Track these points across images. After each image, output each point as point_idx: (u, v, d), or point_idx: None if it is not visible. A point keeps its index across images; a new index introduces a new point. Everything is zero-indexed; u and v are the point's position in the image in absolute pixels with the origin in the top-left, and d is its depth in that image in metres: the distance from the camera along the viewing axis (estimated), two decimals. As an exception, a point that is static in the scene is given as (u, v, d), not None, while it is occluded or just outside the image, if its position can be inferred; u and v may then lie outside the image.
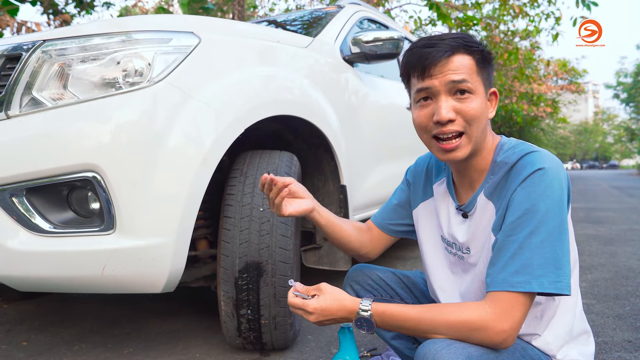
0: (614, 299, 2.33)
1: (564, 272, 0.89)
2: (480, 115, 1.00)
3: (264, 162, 1.70)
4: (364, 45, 2.33)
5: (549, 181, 0.92)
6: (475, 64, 1.01)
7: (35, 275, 1.39)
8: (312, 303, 1.03)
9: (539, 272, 0.89)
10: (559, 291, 0.89)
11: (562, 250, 0.90)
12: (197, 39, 1.54)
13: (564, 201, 0.93)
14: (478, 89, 1.00)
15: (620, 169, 51.12)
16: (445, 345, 0.90)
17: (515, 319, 0.90)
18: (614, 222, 5.20)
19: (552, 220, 0.90)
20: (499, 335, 0.89)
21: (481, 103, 1.00)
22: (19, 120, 1.36)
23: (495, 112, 1.19)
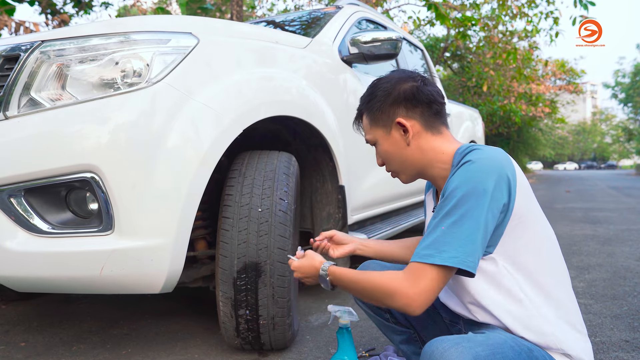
0: (611, 299, 2.34)
1: (467, 250, 0.98)
2: (389, 155, 1.22)
3: (262, 162, 1.70)
4: (362, 45, 2.33)
5: (472, 172, 1.01)
6: (368, 120, 1.24)
7: (34, 275, 1.39)
8: (294, 263, 1.27)
9: (444, 247, 0.99)
10: (457, 265, 0.97)
11: (471, 231, 0.98)
12: (195, 40, 1.54)
13: (485, 191, 0.99)
14: (378, 137, 1.22)
15: (619, 169, 51.19)
16: (452, 344, 0.93)
17: (421, 286, 0.98)
18: (612, 222, 5.22)
19: (466, 205, 0.99)
20: (404, 299, 0.99)
21: (383, 146, 1.22)
22: (17, 120, 1.36)
23: (494, 112, 1.34)
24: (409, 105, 1.17)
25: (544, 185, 14.52)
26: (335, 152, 2.09)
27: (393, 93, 1.18)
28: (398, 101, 1.17)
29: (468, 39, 10.54)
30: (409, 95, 1.17)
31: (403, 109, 1.17)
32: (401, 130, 1.18)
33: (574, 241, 4.02)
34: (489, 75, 11.81)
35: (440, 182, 1.18)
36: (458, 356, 0.90)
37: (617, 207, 6.94)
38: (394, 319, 1.40)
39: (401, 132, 1.18)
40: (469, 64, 13.78)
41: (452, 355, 0.90)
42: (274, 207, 1.60)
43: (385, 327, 1.43)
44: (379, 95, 1.20)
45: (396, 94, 1.18)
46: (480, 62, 12.53)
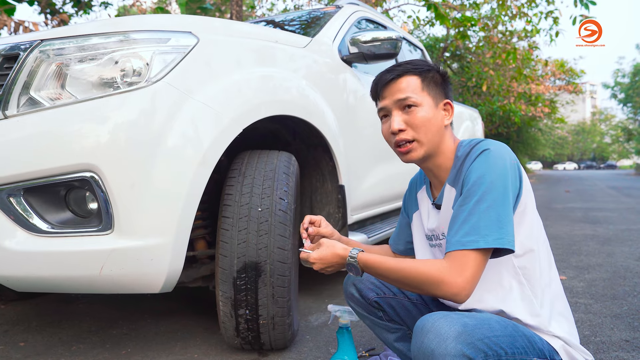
0: (611, 299, 2.34)
1: (507, 231, 1.03)
2: (427, 122, 1.19)
3: (262, 162, 1.70)
4: (362, 45, 2.33)
5: (493, 159, 1.08)
6: (421, 81, 1.22)
7: (33, 275, 1.38)
8: (313, 254, 1.20)
9: (485, 231, 1.03)
10: (502, 246, 1.02)
11: (504, 214, 1.04)
12: (195, 39, 1.54)
13: (507, 177, 1.06)
14: (424, 102, 1.20)
15: (619, 169, 51.19)
16: (442, 316, 0.98)
17: (468, 274, 1.02)
18: (612, 222, 5.22)
19: (495, 189, 1.05)
20: (452, 288, 1.02)
21: (427, 112, 1.20)
22: (16, 120, 1.36)
23: (494, 112, 1.40)
24: (450, 97, 1.26)
25: (544, 185, 14.52)
26: (335, 152, 2.09)
27: (446, 78, 1.26)
28: (449, 88, 1.27)
29: (467, 39, 10.54)
30: (450, 89, 1.27)
31: (449, 93, 1.26)
32: (443, 111, 1.23)
33: (573, 241, 4.02)
34: (489, 75, 11.81)
35: (440, 173, 1.24)
36: (448, 324, 0.95)
37: (617, 207, 6.95)
38: (387, 317, 1.40)
39: (443, 112, 1.23)
40: (468, 64, 13.77)
41: (442, 324, 0.96)
42: (274, 206, 1.60)
43: (379, 327, 1.42)
44: (438, 71, 1.26)
45: (449, 83, 1.27)
46: (480, 62, 12.53)
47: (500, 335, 0.99)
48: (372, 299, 1.38)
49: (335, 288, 2.62)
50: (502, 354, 0.97)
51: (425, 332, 0.97)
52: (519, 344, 1.00)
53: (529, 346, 1.02)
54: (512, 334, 1.01)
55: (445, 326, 0.95)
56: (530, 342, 1.03)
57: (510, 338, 1.00)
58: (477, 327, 0.97)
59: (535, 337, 1.05)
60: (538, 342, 1.04)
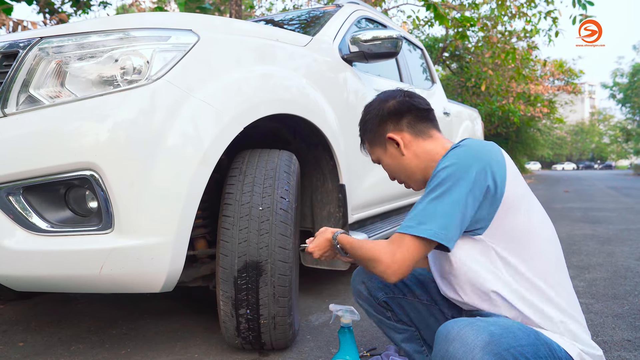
0: (612, 299, 2.33)
1: (444, 225, 1.05)
2: (392, 168, 1.33)
3: (263, 161, 1.69)
4: (362, 44, 2.32)
5: (458, 154, 1.10)
6: (368, 144, 1.37)
7: (33, 274, 1.37)
8: (310, 245, 1.39)
9: (424, 220, 1.07)
10: (432, 238, 1.05)
11: (449, 210, 1.05)
12: (195, 37, 1.53)
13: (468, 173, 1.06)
14: (378, 155, 1.35)
15: (617, 169, 51.25)
16: (467, 323, 0.96)
17: (398, 256, 1.08)
18: (611, 222, 5.22)
19: (448, 183, 1.06)
20: (382, 266, 1.10)
21: (385, 161, 1.34)
22: (15, 118, 1.35)
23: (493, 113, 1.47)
24: (395, 120, 1.29)
25: (543, 185, 14.53)
26: (335, 151, 2.08)
27: (379, 113, 1.31)
28: (384, 119, 1.30)
29: (467, 39, 10.53)
30: (392, 110, 1.30)
31: (390, 124, 1.29)
32: (394, 144, 1.29)
33: (573, 241, 4.02)
34: (488, 75, 11.81)
35: None
36: (474, 333, 0.93)
37: (616, 207, 6.95)
38: (395, 317, 1.40)
39: (394, 145, 1.29)
40: (467, 64, 13.77)
41: (469, 333, 0.93)
42: (275, 205, 1.59)
43: (386, 326, 1.43)
44: (368, 119, 1.34)
45: (382, 113, 1.31)
46: (479, 62, 12.53)
47: (525, 345, 0.97)
48: (381, 298, 1.38)
49: (336, 287, 2.61)
50: None
51: (450, 340, 0.95)
52: (541, 353, 0.99)
53: (550, 355, 1.00)
54: (534, 343, 1.00)
55: (471, 335, 0.93)
56: (551, 351, 1.01)
57: (534, 347, 0.99)
58: (503, 336, 0.95)
59: (554, 345, 1.03)
60: (557, 350, 1.02)
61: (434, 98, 3.84)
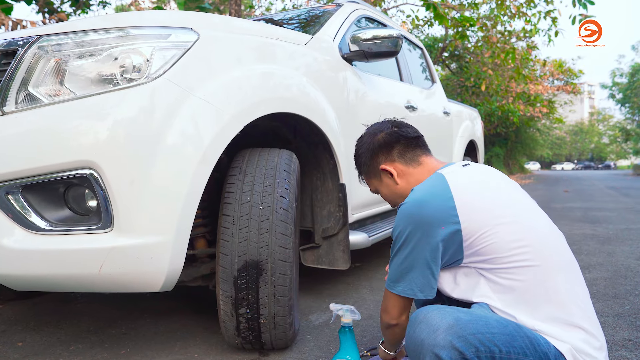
0: (613, 298, 2.33)
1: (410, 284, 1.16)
2: (387, 197, 1.42)
3: (263, 159, 1.68)
4: (362, 43, 2.32)
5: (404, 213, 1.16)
6: (364, 176, 1.45)
7: (32, 274, 1.37)
8: None
9: (398, 279, 1.18)
10: (406, 295, 1.17)
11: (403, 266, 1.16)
12: (195, 35, 1.53)
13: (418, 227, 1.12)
14: (376, 185, 1.42)
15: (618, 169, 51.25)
16: (436, 308, 1.03)
17: (388, 309, 1.23)
18: (611, 222, 5.21)
19: (405, 249, 1.15)
20: (385, 322, 1.26)
21: (381, 190, 1.42)
22: (14, 116, 1.34)
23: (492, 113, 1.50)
24: (385, 152, 1.36)
25: (542, 185, 14.53)
26: (336, 150, 2.08)
27: (370, 147, 1.39)
28: (376, 152, 1.37)
29: (467, 39, 10.54)
30: (381, 143, 1.37)
31: (382, 156, 1.37)
32: (388, 174, 1.36)
33: (573, 240, 4.01)
34: (487, 75, 11.82)
35: None
36: (440, 317, 0.98)
37: (616, 207, 6.95)
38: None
39: (388, 175, 1.36)
40: (467, 64, 13.78)
41: (435, 316, 0.99)
42: (275, 204, 1.58)
43: None
44: (361, 154, 1.42)
45: (373, 147, 1.38)
46: (479, 62, 12.54)
47: (497, 333, 0.97)
48: None
49: (336, 287, 2.61)
50: (495, 351, 0.95)
51: (417, 323, 1.01)
52: (517, 344, 0.98)
53: (529, 347, 0.98)
54: (511, 334, 0.99)
55: (437, 318, 0.98)
56: (532, 344, 0.99)
57: (509, 337, 0.98)
58: (471, 322, 0.97)
59: (540, 339, 1.01)
60: (543, 344, 1.00)
61: (434, 97, 3.83)
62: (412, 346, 1.00)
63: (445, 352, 0.93)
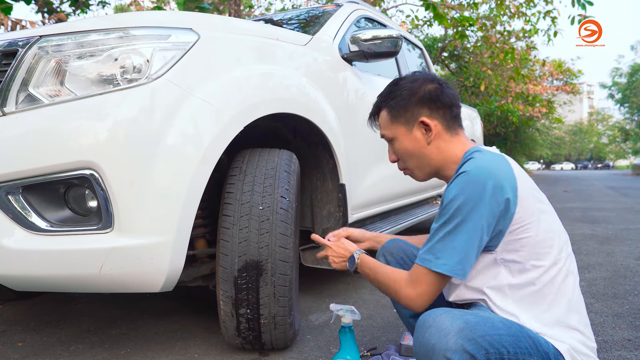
0: (612, 298, 2.33)
1: (455, 259, 1.06)
2: (406, 152, 1.26)
3: (263, 160, 1.69)
4: (362, 43, 2.32)
5: (467, 182, 1.07)
6: (388, 113, 1.27)
7: (32, 274, 1.37)
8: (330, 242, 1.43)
9: (439, 254, 1.08)
10: (448, 274, 1.07)
11: (461, 242, 1.06)
12: (196, 36, 1.53)
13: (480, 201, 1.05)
14: (397, 133, 1.26)
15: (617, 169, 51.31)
16: (445, 311, 1.00)
17: (420, 289, 1.10)
18: (610, 222, 5.22)
19: (460, 216, 1.06)
20: (404, 298, 1.13)
21: (403, 143, 1.25)
22: (15, 117, 1.34)
23: (491, 112, 1.45)
24: (433, 106, 1.22)
25: (542, 185, 14.54)
26: (335, 150, 2.08)
27: (419, 92, 1.22)
28: (423, 101, 1.22)
29: (466, 39, 10.54)
30: (433, 96, 1.22)
31: (427, 109, 1.22)
32: (423, 129, 1.22)
33: (573, 240, 4.02)
34: (487, 75, 11.81)
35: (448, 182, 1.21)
36: (450, 320, 0.96)
37: (615, 207, 6.95)
38: None
39: (423, 131, 1.22)
40: (466, 64, 13.77)
41: (444, 319, 0.97)
42: (275, 205, 1.58)
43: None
44: (404, 94, 1.24)
45: (421, 94, 1.22)
46: (478, 62, 12.53)
47: (503, 334, 0.98)
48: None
49: (336, 287, 2.61)
50: (504, 352, 0.96)
51: (427, 327, 0.98)
52: (522, 345, 0.99)
53: (532, 347, 1.00)
54: (515, 334, 1.00)
55: (447, 321, 0.96)
56: (535, 344, 1.01)
57: (514, 338, 0.99)
58: (480, 324, 0.97)
59: (541, 340, 1.03)
60: (543, 344, 1.02)
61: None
62: (422, 351, 0.98)
63: (457, 355, 0.93)
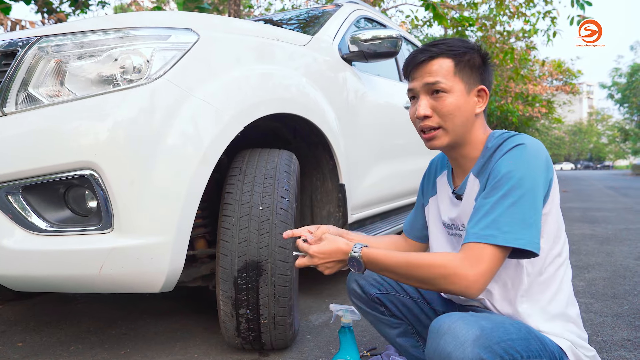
0: (612, 298, 2.33)
1: (531, 233, 0.98)
2: (456, 110, 1.12)
3: (263, 160, 1.69)
4: (362, 43, 2.32)
5: (527, 155, 1.03)
6: (454, 65, 1.13)
7: (32, 274, 1.37)
8: (312, 247, 1.16)
9: (506, 228, 0.98)
10: (522, 246, 0.97)
11: (530, 214, 0.99)
12: (195, 36, 1.53)
13: (539, 177, 1.02)
14: (454, 88, 1.12)
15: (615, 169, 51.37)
16: (459, 317, 0.96)
17: (481, 268, 0.97)
18: (610, 222, 5.22)
19: (524, 186, 1.00)
20: (464, 280, 0.97)
21: (457, 100, 1.12)
22: (15, 117, 1.34)
23: (491, 113, 1.36)
24: (486, 82, 1.17)
25: (541, 185, 14.53)
26: (335, 151, 2.08)
27: (481, 62, 1.16)
28: (484, 72, 1.17)
29: (466, 39, 10.56)
30: (489, 73, 1.18)
31: (487, 81, 1.17)
32: (477, 98, 1.15)
33: (572, 240, 4.02)
34: (486, 75, 11.81)
35: (465, 162, 1.19)
36: (465, 327, 0.93)
37: (615, 207, 6.96)
38: (389, 312, 1.39)
39: (477, 99, 1.15)
40: (466, 64, 13.76)
41: (460, 326, 0.93)
42: (275, 205, 1.58)
43: (381, 323, 1.41)
44: (473, 55, 1.15)
45: (483, 64, 1.16)
46: (478, 62, 12.53)
47: (516, 339, 0.97)
48: (374, 295, 1.37)
49: (336, 287, 2.61)
50: (517, 358, 0.96)
51: (441, 334, 0.94)
52: (533, 347, 0.99)
53: (542, 349, 1.01)
54: (526, 337, 1.00)
55: (462, 329, 0.93)
56: (543, 345, 1.02)
57: (525, 341, 0.99)
58: (494, 330, 0.95)
59: (546, 339, 1.04)
60: (549, 344, 1.03)
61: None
62: (437, 358, 0.95)
63: None
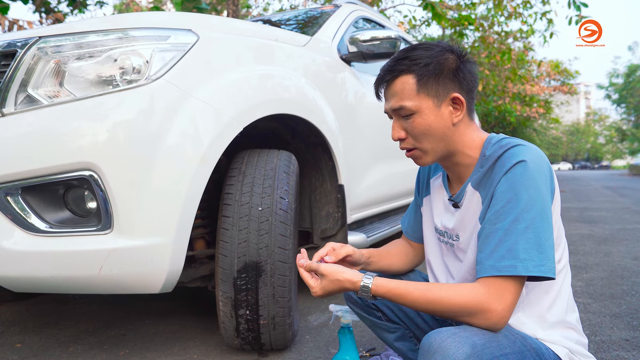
0: (610, 298, 2.34)
1: (548, 256, 0.94)
2: (427, 129, 1.07)
3: (262, 161, 1.69)
4: (361, 44, 2.33)
5: (530, 172, 0.97)
6: (417, 82, 1.07)
7: (31, 275, 1.36)
8: (316, 287, 1.11)
9: (524, 256, 0.94)
10: (543, 274, 0.93)
11: (545, 236, 0.95)
12: (195, 37, 1.53)
13: (546, 190, 0.98)
14: (421, 106, 1.07)
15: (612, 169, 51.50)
16: (450, 334, 0.92)
17: (507, 301, 0.95)
18: (608, 222, 5.24)
19: (534, 207, 0.96)
20: (493, 317, 0.95)
21: (426, 118, 1.07)
22: (14, 118, 1.34)
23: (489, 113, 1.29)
24: (464, 85, 1.08)
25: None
26: (334, 151, 2.08)
27: (454, 65, 1.07)
28: (457, 75, 1.07)
29: (465, 38, 10.56)
30: (466, 73, 1.08)
31: (458, 85, 1.08)
32: (451, 108, 1.08)
33: (570, 241, 4.03)
34: (484, 75, 11.85)
35: (460, 170, 1.13)
36: (456, 345, 0.90)
37: (612, 207, 6.98)
38: (386, 317, 1.38)
39: (451, 109, 1.08)
40: (464, 64, 13.79)
41: (450, 345, 0.90)
42: (275, 205, 1.58)
43: (378, 327, 1.41)
44: (441, 62, 1.06)
45: (453, 67, 1.07)
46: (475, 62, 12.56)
47: (510, 353, 0.94)
48: (370, 300, 1.37)
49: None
50: None
51: (431, 354, 0.91)
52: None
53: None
54: (520, 350, 0.97)
55: (453, 347, 0.89)
56: (539, 356, 0.99)
57: (520, 355, 0.96)
58: (486, 346, 0.92)
59: (543, 349, 1.01)
60: (546, 353, 1.00)
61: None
62: None
63: None
